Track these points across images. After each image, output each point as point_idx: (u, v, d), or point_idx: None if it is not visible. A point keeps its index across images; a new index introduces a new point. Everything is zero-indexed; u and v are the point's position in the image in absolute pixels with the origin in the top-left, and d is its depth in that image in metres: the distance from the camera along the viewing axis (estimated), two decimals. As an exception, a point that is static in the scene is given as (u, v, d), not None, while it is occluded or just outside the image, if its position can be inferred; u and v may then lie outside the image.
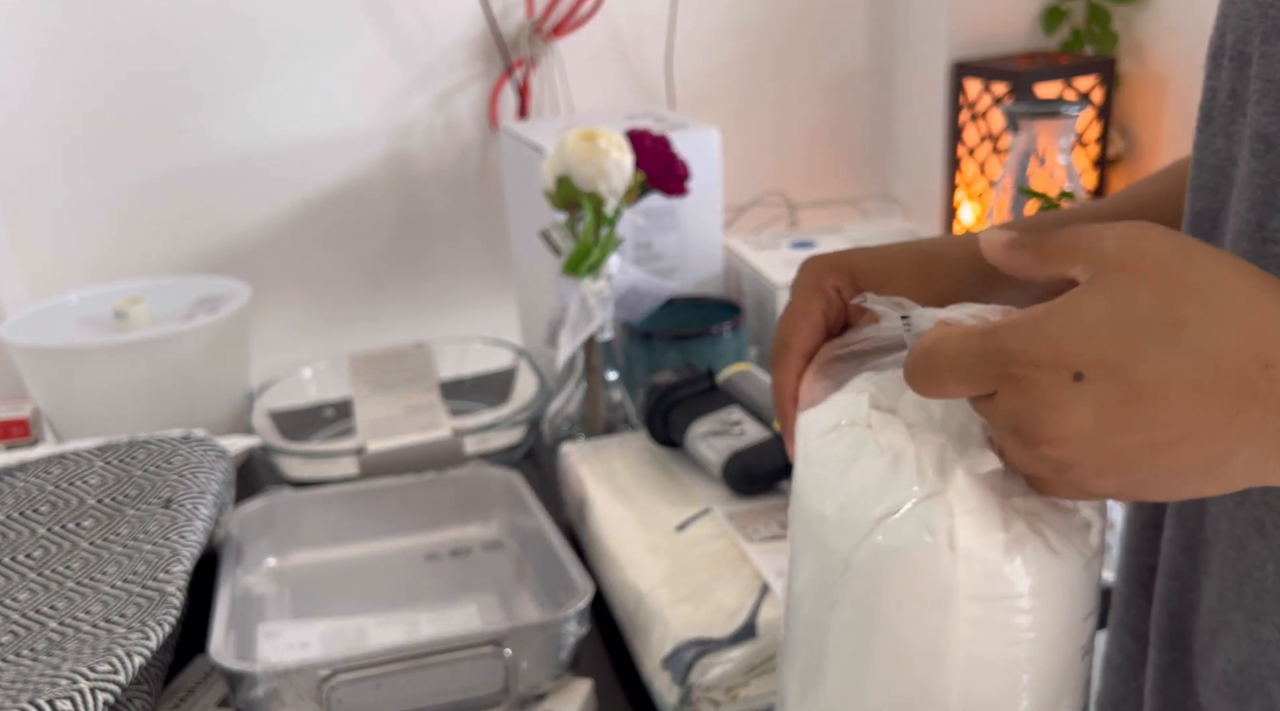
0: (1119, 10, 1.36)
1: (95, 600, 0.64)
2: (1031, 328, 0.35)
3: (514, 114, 1.32)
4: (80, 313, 1.04)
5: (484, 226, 1.36)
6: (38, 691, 0.54)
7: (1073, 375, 0.34)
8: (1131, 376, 0.33)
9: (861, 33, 1.44)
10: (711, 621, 0.63)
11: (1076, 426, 0.35)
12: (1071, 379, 0.34)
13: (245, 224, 1.27)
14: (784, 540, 0.70)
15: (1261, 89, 0.41)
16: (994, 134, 1.34)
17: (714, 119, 1.17)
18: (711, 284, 1.12)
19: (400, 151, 1.30)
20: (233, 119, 1.23)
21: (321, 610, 0.76)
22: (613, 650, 0.71)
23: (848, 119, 1.48)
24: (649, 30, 1.34)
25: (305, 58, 1.23)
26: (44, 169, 1.19)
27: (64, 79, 1.17)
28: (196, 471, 0.75)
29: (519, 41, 1.29)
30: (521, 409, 0.98)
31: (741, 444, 0.77)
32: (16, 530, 0.71)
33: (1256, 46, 0.42)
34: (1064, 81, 1.32)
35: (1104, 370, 0.34)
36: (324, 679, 0.59)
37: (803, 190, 1.48)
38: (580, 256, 0.92)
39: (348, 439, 1.00)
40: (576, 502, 0.82)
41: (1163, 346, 0.33)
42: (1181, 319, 0.33)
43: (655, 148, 0.93)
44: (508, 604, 0.76)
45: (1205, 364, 0.33)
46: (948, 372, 0.37)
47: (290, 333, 1.30)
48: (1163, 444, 0.34)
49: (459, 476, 0.86)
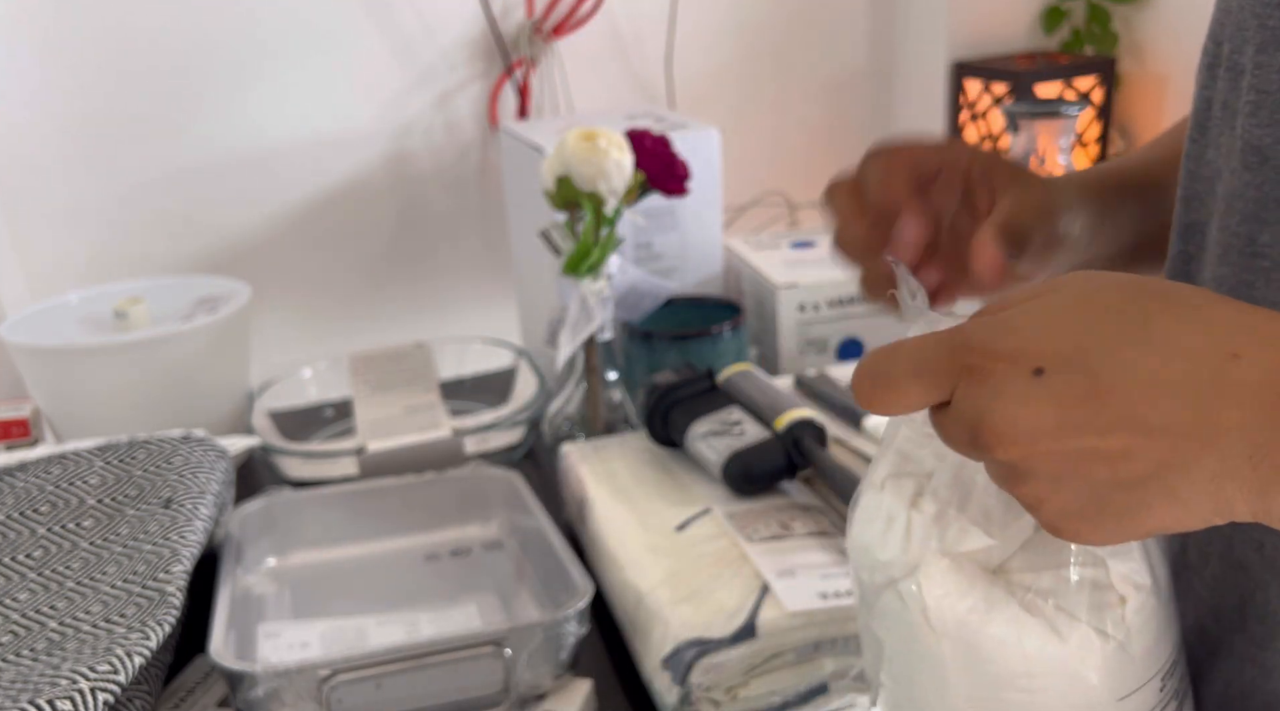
0: (1119, 10, 1.36)
1: (95, 600, 0.64)
2: (995, 319, 0.34)
3: (514, 114, 1.32)
4: (80, 313, 1.04)
5: (484, 226, 1.36)
6: (38, 691, 0.54)
7: (1034, 369, 0.32)
8: (1094, 369, 0.32)
9: (861, 33, 1.45)
10: (711, 621, 0.62)
11: (1035, 423, 0.32)
12: (1032, 373, 0.32)
13: (245, 224, 1.27)
14: (784, 540, 0.70)
15: (1255, 101, 0.41)
16: (994, 134, 1.34)
17: (714, 119, 1.17)
18: (711, 284, 1.12)
19: (400, 151, 1.30)
20: (233, 119, 1.23)
21: (321, 610, 0.76)
22: (613, 650, 0.71)
23: (848, 119, 1.48)
24: (649, 30, 1.34)
25: (305, 58, 1.24)
26: (44, 169, 1.19)
27: (64, 79, 1.17)
28: (196, 471, 0.75)
29: (519, 41, 1.29)
30: (521, 409, 0.98)
31: (741, 444, 0.77)
32: (16, 530, 0.71)
33: (1251, 57, 0.41)
34: (1064, 81, 1.32)
35: (1066, 363, 0.32)
36: (324, 679, 0.59)
37: (803, 190, 1.48)
38: (580, 256, 0.92)
39: (348, 439, 1.00)
40: (576, 502, 0.82)
41: (1127, 340, 0.32)
42: (1147, 315, 0.32)
43: (655, 148, 0.93)
44: (508, 604, 0.76)
45: (1171, 357, 0.31)
46: (907, 367, 0.35)
47: (290, 333, 1.30)
48: (1123, 450, 0.32)
49: (459, 476, 0.86)
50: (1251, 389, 0.31)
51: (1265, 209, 0.40)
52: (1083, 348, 0.32)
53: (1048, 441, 0.32)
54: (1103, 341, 0.32)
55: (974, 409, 0.34)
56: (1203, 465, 0.31)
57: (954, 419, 0.35)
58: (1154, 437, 0.31)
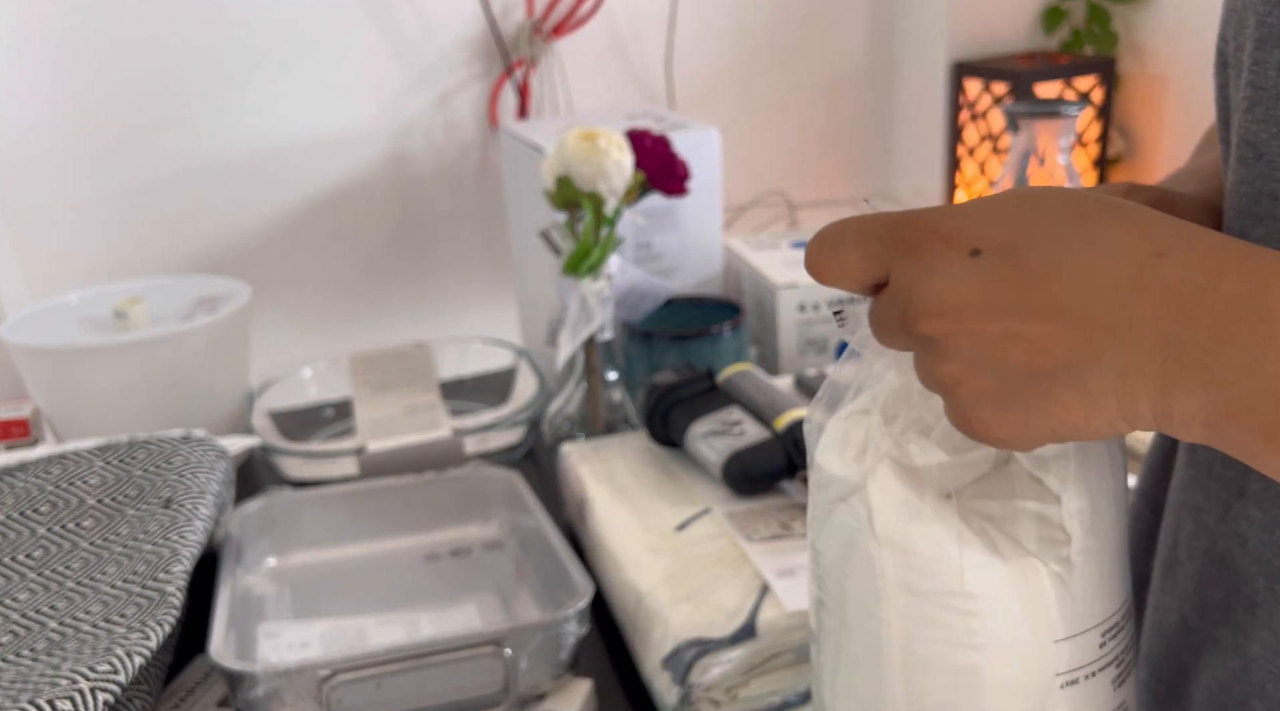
0: (1119, 10, 1.36)
1: (95, 600, 0.64)
2: (941, 205, 0.36)
3: (514, 114, 1.32)
4: (80, 313, 1.04)
5: (484, 226, 1.36)
6: (38, 691, 0.54)
7: (970, 250, 0.34)
8: (1026, 256, 0.33)
9: (861, 33, 1.45)
10: (711, 621, 0.63)
11: (963, 299, 0.34)
12: (969, 253, 0.34)
13: (245, 224, 1.27)
14: (784, 539, 0.70)
15: (1251, 97, 0.41)
16: (994, 134, 1.34)
17: (714, 119, 1.17)
18: (711, 284, 1.12)
19: (400, 151, 1.30)
20: (233, 119, 1.23)
21: (321, 610, 0.76)
22: (613, 650, 0.71)
23: (848, 119, 1.48)
24: (649, 30, 1.34)
25: (305, 58, 1.24)
26: (44, 169, 1.19)
27: (65, 79, 1.17)
28: (196, 471, 0.75)
29: (519, 41, 1.29)
30: (521, 409, 0.98)
31: (741, 444, 0.77)
32: (16, 530, 0.71)
33: (1249, 53, 0.42)
34: (1064, 81, 1.32)
35: (1001, 248, 0.34)
36: (324, 679, 0.59)
37: (803, 190, 1.48)
38: (580, 256, 0.92)
39: (348, 439, 1.00)
40: (576, 502, 0.82)
41: (1062, 231, 0.33)
42: (1084, 214, 0.34)
43: (655, 148, 0.93)
44: (508, 604, 0.76)
45: (1102, 252, 0.33)
46: (854, 235, 0.37)
47: (290, 333, 1.30)
48: (1042, 336, 0.33)
49: (459, 476, 0.86)
50: (1169, 286, 0.32)
51: (1259, 204, 0.40)
52: (1018, 234, 0.34)
53: (972, 319, 0.34)
54: (1038, 231, 0.34)
55: (907, 283, 0.35)
56: (1114, 357, 0.32)
57: (889, 297, 0.36)
58: (1073, 326, 0.33)
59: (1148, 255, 0.32)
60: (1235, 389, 0.31)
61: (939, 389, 0.36)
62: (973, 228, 0.34)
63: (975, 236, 0.34)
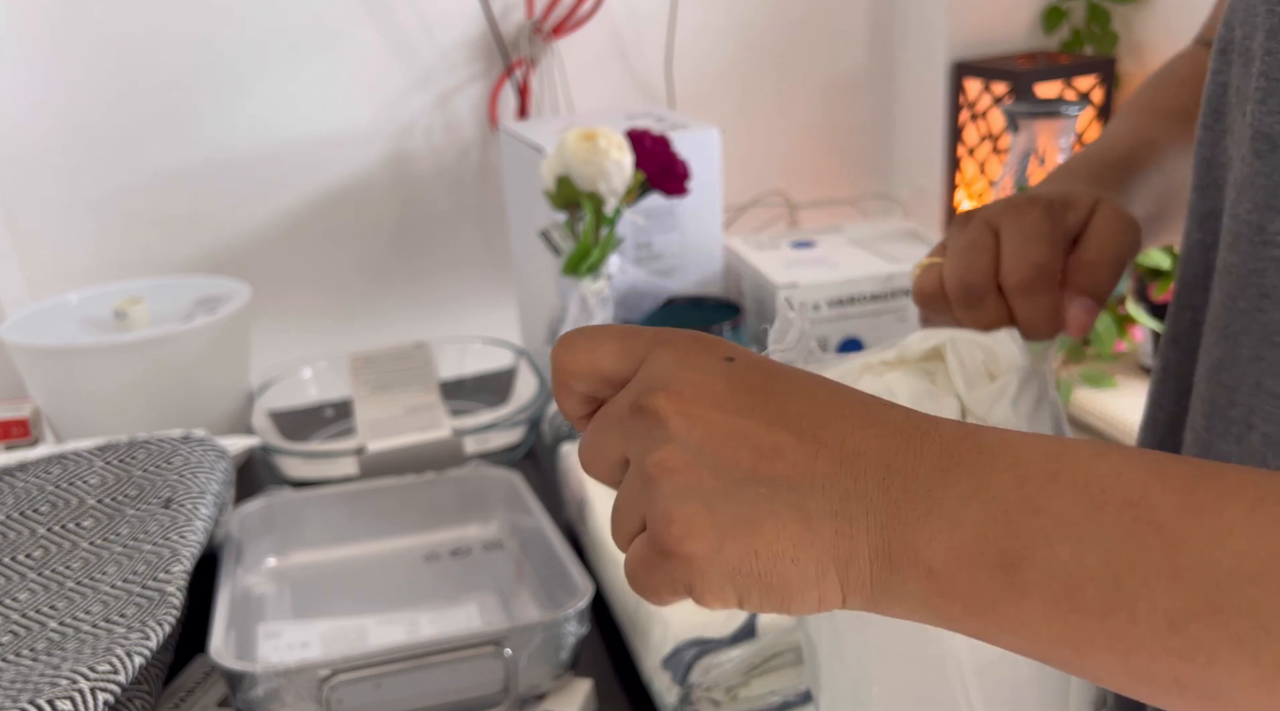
0: (1119, 10, 1.37)
1: (95, 600, 0.64)
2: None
3: (514, 114, 1.32)
4: (80, 313, 1.04)
5: (484, 226, 1.36)
6: (38, 691, 0.54)
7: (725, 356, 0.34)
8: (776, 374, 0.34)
9: (861, 33, 1.45)
10: (711, 621, 0.63)
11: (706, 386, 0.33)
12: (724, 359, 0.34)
13: (245, 224, 1.27)
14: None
15: (1265, 88, 0.40)
16: (994, 134, 1.34)
17: (714, 119, 1.17)
18: (711, 284, 1.12)
19: (400, 151, 1.30)
20: (233, 119, 1.23)
21: (321, 610, 0.76)
22: (613, 650, 0.71)
23: (848, 119, 1.48)
24: (649, 30, 1.34)
25: (305, 58, 1.24)
26: (45, 169, 1.19)
27: (65, 79, 1.17)
28: (196, 471, 0.75)
29: (519, 41, 1.29)
30: (521, 409, 0.98)
31: (741, 444, 0.77)
32: (16, 530, 0.71)
33: (1261, 43, 0.41)
34: (1064, 81, 1.32)
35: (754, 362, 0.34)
36: (324, 679, 0.59)
37: (803, 190, 1.48)
38: (580, 256, 0.92)
39: (348, 439, 1.00)
40: (576, 502, 0.82)
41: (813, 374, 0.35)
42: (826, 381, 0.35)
43: (655, 148, 0.93)
44: (508, 604, 0.76)
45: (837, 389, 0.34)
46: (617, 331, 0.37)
47: (290, 333, 1.30)
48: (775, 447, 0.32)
49: (459, 476, 0.86)
50: (894, 422, 0.32)
51: (1275, 197, 0.40)
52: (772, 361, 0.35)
53: (710, 407, 0.33)
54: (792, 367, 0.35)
55: (655, 367, 0.34)
56: (838, 480, 0.31)
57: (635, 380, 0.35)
58: (804, 442, 0.32)
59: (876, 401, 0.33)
60: (962, 513, 0.29)
61: (649, 475, 0.33)
62: (732, 345, 0.35)
63: (732, 349, 0.35)
